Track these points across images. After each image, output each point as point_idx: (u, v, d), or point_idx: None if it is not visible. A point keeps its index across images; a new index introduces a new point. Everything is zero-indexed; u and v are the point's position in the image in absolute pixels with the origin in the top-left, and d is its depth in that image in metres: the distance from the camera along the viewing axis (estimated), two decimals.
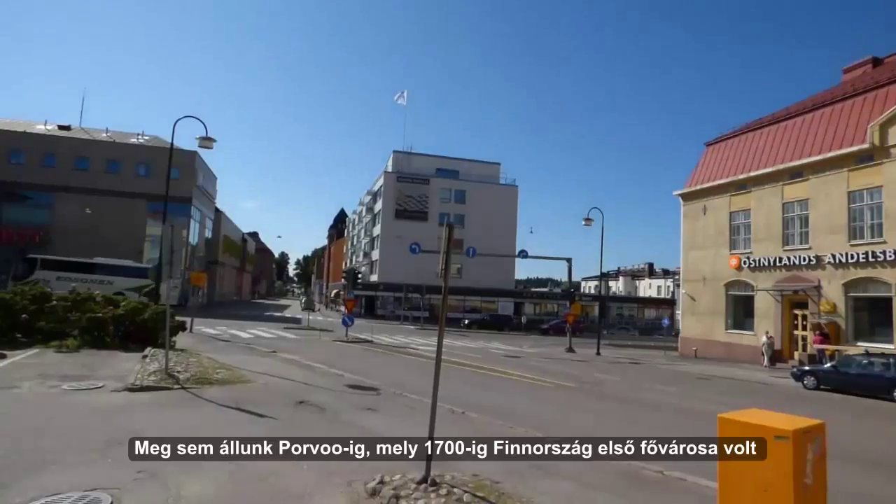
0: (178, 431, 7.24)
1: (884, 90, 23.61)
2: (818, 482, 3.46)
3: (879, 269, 22.26)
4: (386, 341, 27.66)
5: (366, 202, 74.02)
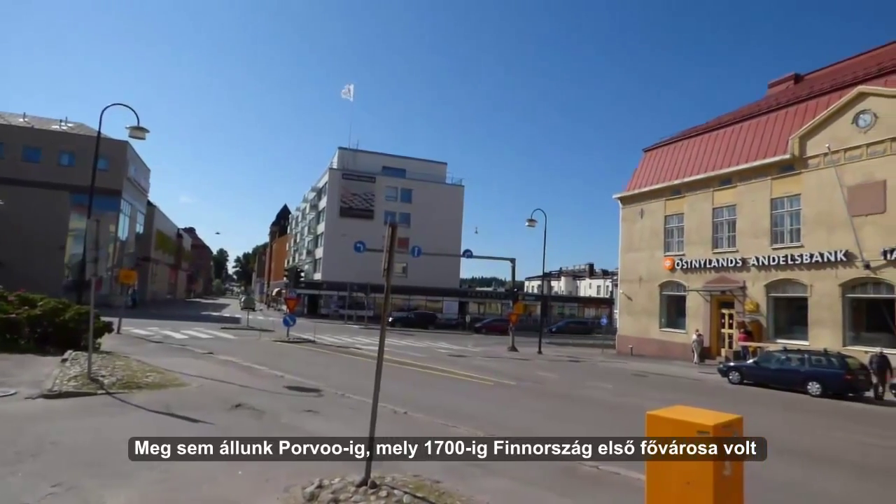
0: (99, 441, 6.85)
1: (804, 105, 25.33)
2: (736, 473, 3.68)
3: (797, 272, 23.86)
4: (329, 341, 27.21)
5: (310, 199, 72.53)
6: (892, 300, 20.51)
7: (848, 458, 9.22)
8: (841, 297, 22.19)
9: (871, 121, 21.66)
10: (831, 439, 10.85)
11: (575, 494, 5.97)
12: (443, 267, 58.64)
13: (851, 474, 8.08)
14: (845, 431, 11.74)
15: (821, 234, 22.98)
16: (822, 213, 23.01)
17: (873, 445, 10.43)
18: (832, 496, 6.84)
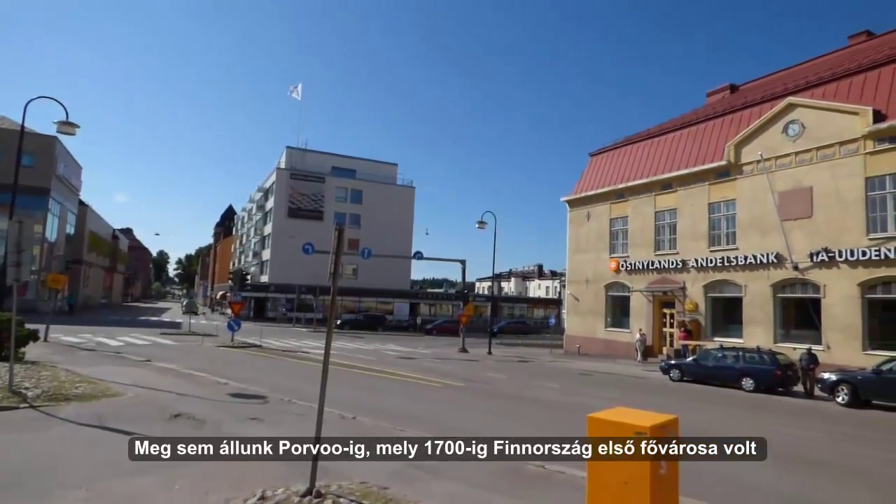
0: (19, 459, 6.39)
1: (739, 114, 26.64)
2: (672, 472, 3.81)
3: (733, 273, 25.06)
4: (276, 345, 26.53)
5: (256, 199, 70.60)
6: (818, 299, 21.82)
7: (778, 450, 9.71)
8: (772, 297, 23.45)
9: (799, 130, 23.01)
10: (762, 432, 11.41)
11: (522, 495, 6.01)
12: (394, 268, 58.34)
13: (778, 466, 8.50)
14: (775, 425, 12.38)
15: (754, 238, 24.22)
16: (756, 218, 24.25)
17: (800, 437, 11.04)
18: (763, 487, 7.17)
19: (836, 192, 21.40)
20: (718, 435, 10.66)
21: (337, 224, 6.50)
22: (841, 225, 21.13)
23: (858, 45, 28.44)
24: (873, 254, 19.98)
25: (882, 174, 20.25)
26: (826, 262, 21.42)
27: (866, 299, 20.43)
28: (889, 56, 21.56)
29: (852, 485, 7.59)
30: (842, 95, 22.15)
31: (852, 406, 15.58)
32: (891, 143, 20.07)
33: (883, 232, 20.03)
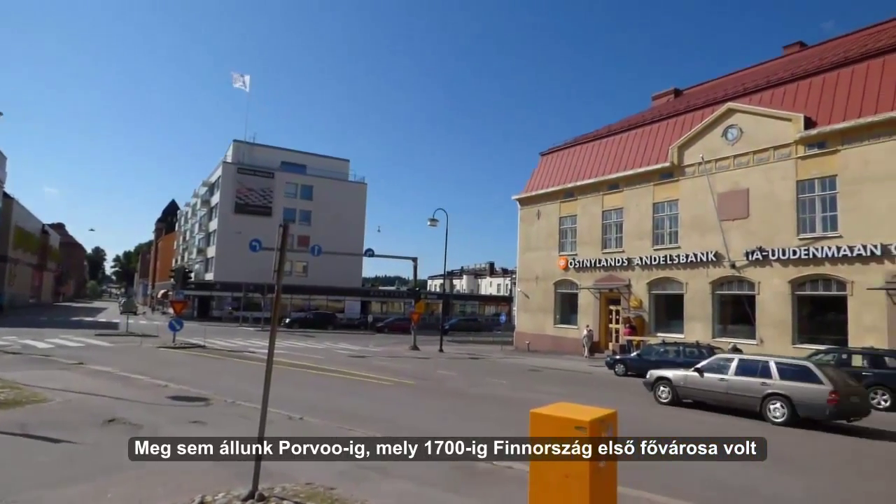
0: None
1: (682, 117, 27.67)
2: (610, 464, 3.92)
3: (675, 271, 26.03)
4: (221, 345, 25.68)
5: (201, 194, 68.08)
6: (753, 296, 22.95)
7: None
8: (711, 294, 24.50)
9: (737, 134, 24.10)
10: (696, 424, 11.87)
11: (471, 492, 6.00)
12: (345, 266, 57.57)
13: None
14: (711, 416, 12.90)
15: (695, 237, 25.23)
16: (697, 218, 25.27)
17: (738, 427, 11.55)
18: (703, 476, 7.44)
19: (771, 194, 22.55)
20: (656, 427, 11.04)
21: (283, 221, 6.34)
22: (774, 225, 22.29)
23: (792, 55, 30.08)
24: (803, 253, 21.19)
25: (811, 178, 21.48)
26: (760, 261, 22.55)
27: (796, 296, 21.64)
28: (818, 67, 22.88)
29: (780, 470, 7.98)
30: (777, 102, 23.35)
31: None
32: (819, 148, 21.31)
33: (812, 232, 21.26)
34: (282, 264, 5.87)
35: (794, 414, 11.80)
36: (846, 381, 12.30)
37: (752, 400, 12.53)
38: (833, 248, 20.34)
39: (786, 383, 12.13)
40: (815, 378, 11.79)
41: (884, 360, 15.30)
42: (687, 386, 13.97)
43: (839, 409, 11.38)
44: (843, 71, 21.62)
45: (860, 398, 12.29)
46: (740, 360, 13.33)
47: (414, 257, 33.88)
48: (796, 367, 12.41)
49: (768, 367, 12.64)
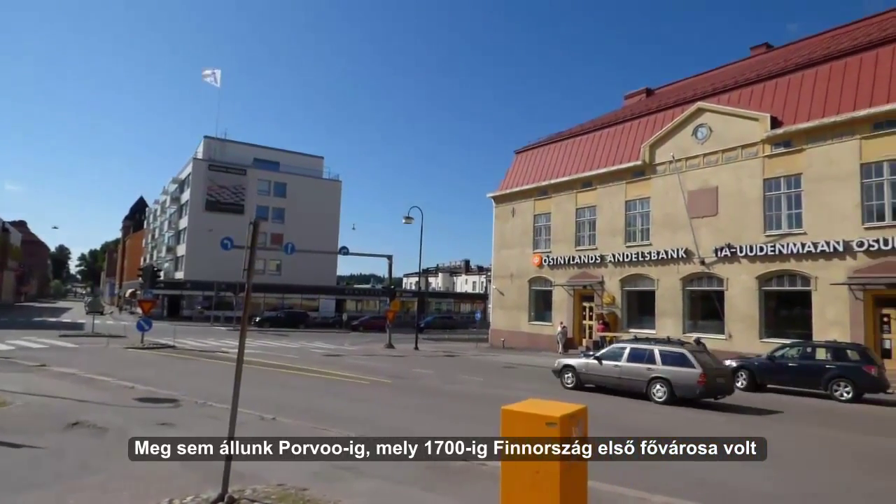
0: None
1: (653, 116, 28.09)
2: (580, 459, 3.93)
3: (647, 268, 26.45)
4: (192, 345, 25.18)
5: (171, 191, 66.57)
6: (722, 292, 23.46)
7: (684, 432, 10.31)
8: (681, 290, 24.97)
9: (707, 134, 24.58)
10: (665, 419, 12.08)
11: (445, 490, 5.99)
12: (319, 264, 56.98)
13: None
14: (679, 410, 13.15)
15: (666, 234, 25.66)
16: (668, 215, 25.70)
17: (702, 421, 11.79)
18: (672, 469, 7.56)
19: (739, 192, 23.07)
20: (630, 422, 11.20)
21: (254, 218, 6.22)
22: (742, 222, 22.82)
23: (759, 56, 30.79)
24: (769, 249, 21.73)
25: (777, 176, 22.04)
26: (729, 257, 23.06)
27: (763, 291, 22.20)
28: (784, 68, 23.47)
29: (749, 463, 8.15)
30: (744, 102, 23.88)
31: (750, 390, 16.86)
32: (785, 147, 21.87)
33: (777, 229, 21.83)
34: (252, 263, 5.75)
35: (673, 394, 13.58)
36: (714, 366, 14.14)
37: (640, 383, 14.30)
38: (798, 244, 20.91)
39: (666, 368, 13.92)
40: (689, 363, 13.55)
41: (846, 353, 15.78)
42: (588, 372, 15.65)
43: (707, 388, 13.33)
44: (808, 72, 22.22)
45: (725, 379, 14.09)
46: (631, 349, 15.03)
47: (389, 255, 33.70)
48: (675, 354, 14.09)
49: (653, 354, 14.39)
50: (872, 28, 23.63)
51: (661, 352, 14.35)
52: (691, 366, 13.48)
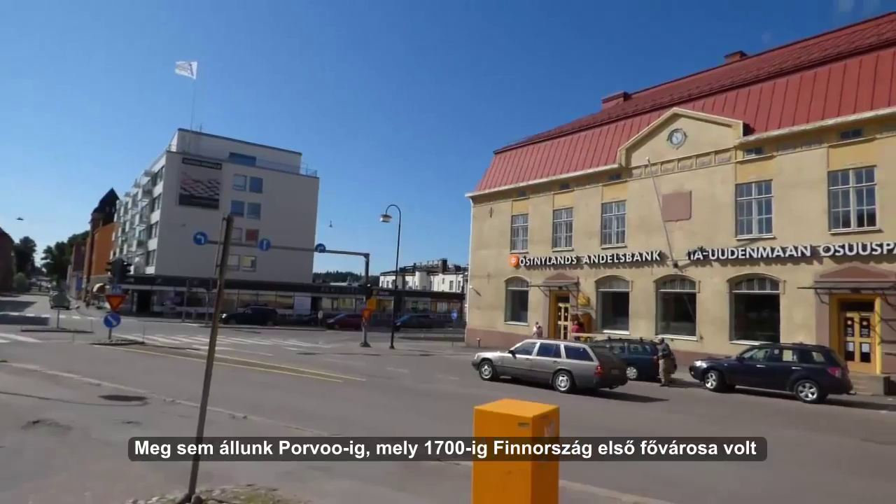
0: None
1: (630, 120, 28.45)
2: (551, 459, 3.94)
3: (621, 269, 26.79)
4: (162, 342, 24.66)
5: (143, 184, 65.10)
6: (694, 294, 23.89)
7: (654, 435, 10.46)
8: (655, 292, 25.35)
9: (682, 139, 24.99)
10: (641, 418, 12.26)
11: (417, 489, 5.96)
12: (295, 261, 56.37)
13: None
14: (654, 410, 13.36)
15: (641, 237, 26.02)
16: (643, 218, 26.06)
17: (675, 420, 11.99)
18: (643, 468, 7.66)
19: (712, 196, 23.51)
20: (604, 424, 11.32)
21: (226, 215, 6.09)
22: (714, 226, 23.26)
23: (733, 64, 31.41)
24: (740, 253, 22.20)
25: (749, 181, 22.52)
26: (701, 261, 23.49)
27: (733, 294, 22.67)
28: (756, 76, 23.99)
29: (714, 462, 8.31)
30: (718, 108, 24.34)
31: (719, 391, 17.21)
32: (756, 154, 22.36)
33: (748, 234, 22.31)
34: (225, 259, 5.64)
35: (574, 384, 15.20)
36: (610, 359, 15.97)
37: (547, 374, 15.90)
38: (768, 248, 21.41)
39: (569, 361, 15.54)
40: (588, 356, 15.25)
41: (811, 356, 16.21)
42: (503, 365, 17.20)
43: (603, 379, 15.09)
44: (779, 81, 22.75)
45: (619, 371, 15.97)
46: (541, 345, 16.70)
47: (366, 253, 33.52)
48: (577, 349, 15.85)
49: (559, 349, 16.08)
50: (841, 40, 24.31)
51: (565, 347, 16.09)
52: (590, 359, 15.14)
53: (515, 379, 16.75)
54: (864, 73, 20.15)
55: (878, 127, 19.13)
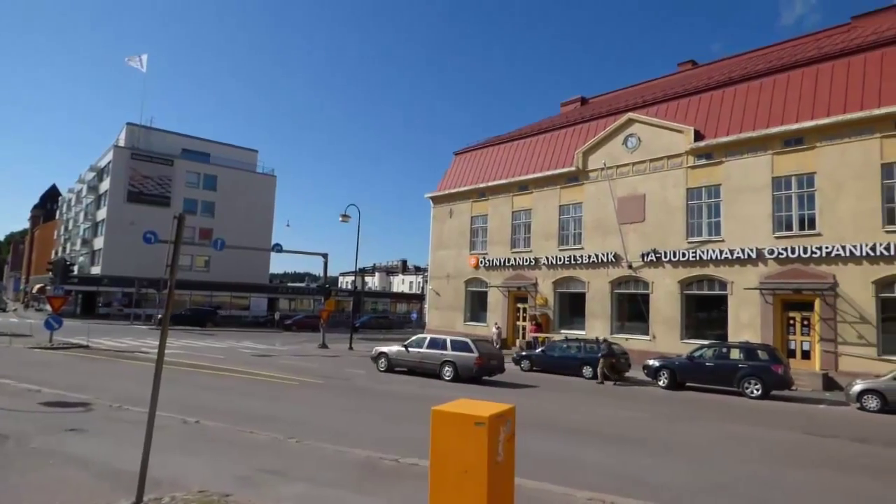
0: None
1: (587, 125, 29.05)
2: (507, 458, 4.00)
3: (578, 270, 27.31)
4: (109, 345, 23.65)
5: (88, 180, 62.24)
6: (647, 295, 24.59)
7: (611, 431, 10.71)
8: (610, 293, 25.96)
9: (636, 143, 25.69)
10: (600, 415, 12.52)
11: (374, 491, 5.89)
12: (251, 261, 55.09)
13: (611, 445, 9.37)
14: (610, 408, 13.66)
15: (597, 239, 26.60)
16: (599, 220, 26.65)
17: (629, 418, 12.30)
18: (596, 465, 7.83)
19: (664, 200, 24.25)
20: (561, 419, 11.51)
21: (178, 213, 5.90)
22: (667, 229, 24.01)
23: (685, 72, 32.51)
24: (691, 255, 22.99)
25: (699, 186, 23.35)
26: (654, 262, 24.20)
27: (684, 294, 23.45)
28: (707, 84, 24.90)
29: (667, 457, 8.58)
30: (671, 115, 25.14)
31: (671, 388, 17.77)
32: (707, 159, 23.20)
33: (698, 236, 23.12)
34: (176, 259, 5.44)
35: (457, 374, 17.14)
36: (489, 351, 18.00)
37: (434, 365, 17.78)
38: (717, 250, 22.25)
39: (454, 353, 17.42)
40: (470, 349, 17.20)
41: (756, 354, 16.93)
42: (398, 358, 18.87)
43: (482, 369, 17.03)
44: (728, 90, 23.69)
45: (497, 361, 17.85)
46: (431, 339, 18.65)
47: (324, 253, 33.08)
48: (461, 342, 17.74)
49: (445, 342, 17.96)
50: (785, 53, 25.51)
51: (451, 340, 17.97)
52: (472, 351, 17.10)
53: (411, 371, 18.45)
54: (806, 84, 21.22)
55: (818, 136, 20.17)
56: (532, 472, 6.51)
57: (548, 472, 6.90)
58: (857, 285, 18.83)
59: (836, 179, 19.65)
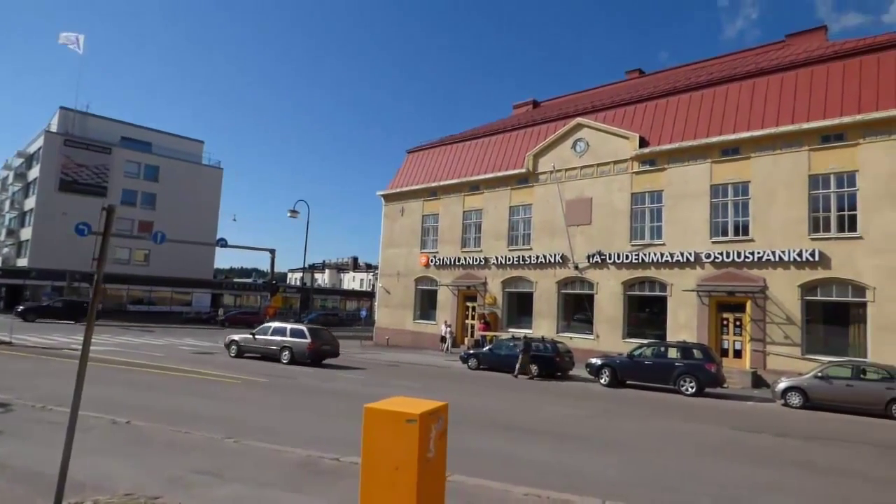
0: None
1: (538, 127, 29.56)
2: (439, 454, 4.03)
3: (526, 270, 27.78)
4: (34, 342, 22.28)
5: (15, 166, 58.43)
6: (592, 295, 25.27)
7: (551, 428, 10.94)
8: (557, 293, 26.53)
9: (584, 147, 26.34)
10: (542, 412, 12.77)
11: (311, 490, 5.80)
12: (195, 256, 53.20)
13: (551, 442, 9.58)
14: (554, 405, 13.95)
15: (545, 240, 27.13)
16: (547, 222, 27.19)
17: (570, 415, 12.60)
18: (534, 462, 7.98)
19: (610, 203, 24.98)
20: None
21: (106, 205, 5.62)
22: (612, 232, 24.75)
23: (632, 80, 33.55)
24: (633, 257, 23.78)
25: (643, 191, 24.18)
26: (599, 264, 24.90)
27: (627, 295, 24.24)
28: (652, 93, 25.80)
29: (603, 453, 8.85)
30: (618, 121, 25.92)
31: (612, 386, 18.33)
32: (650, 165, 24.06)
33: (641, 239, 23.95)
34: (104, 252, 5.17)
35: (293, 357, 19.63)
36: (323, 338, 20.35)
37: (276, 350, 20.18)
38: (658, 254, 23.11)
39: (291, 339, 19.93)
40: (305, 335, 19.81)
41: (692, 352, 17.68)
42: (246, 345, 21.24)
43: (313, 354, 19.69)
44: (672, 99, 24.64)
45: (331, 347, 20.47)
46: (274, 327, 20.98)
47: (272, 249, 32.30)
48: (298, 330, 20.23)
49: (285, 329, 20.50)
50: (725, 66, 26.74)
51: (290, 328, 20.49)
52: (305, 337, 19.68)
53: (263, 357, 20.68)
54: (743, 96, 22.33)
55: (753, 146, 21.27)
56: (471, 469, 6.58)
57: (487, 469, 6.98)
58: (785, 289, 19.99)
59: (769, 188, 20.79)
